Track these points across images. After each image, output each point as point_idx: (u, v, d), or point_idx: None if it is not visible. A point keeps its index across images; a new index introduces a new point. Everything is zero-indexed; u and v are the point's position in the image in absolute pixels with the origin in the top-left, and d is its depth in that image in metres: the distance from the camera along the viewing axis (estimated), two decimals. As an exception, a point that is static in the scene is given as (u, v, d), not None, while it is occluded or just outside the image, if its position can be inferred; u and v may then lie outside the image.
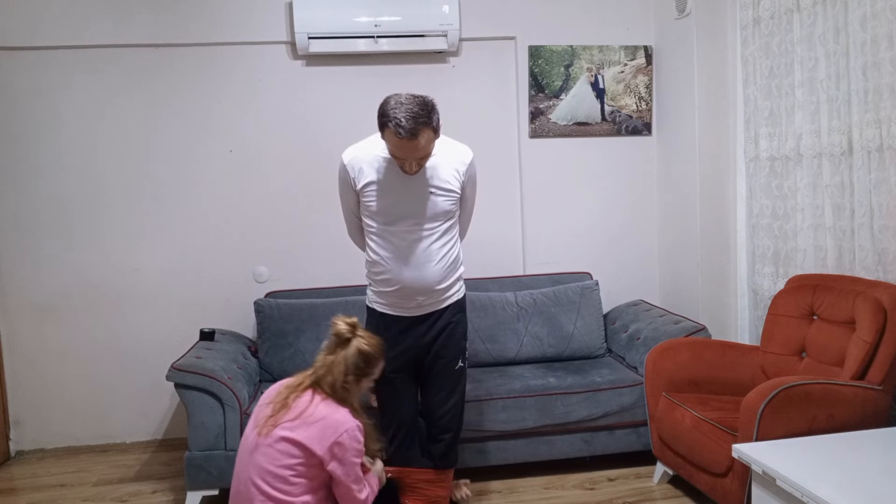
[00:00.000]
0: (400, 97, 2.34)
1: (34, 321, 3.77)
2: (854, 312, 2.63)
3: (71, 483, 3.40)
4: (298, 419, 2.17)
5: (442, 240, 2.58)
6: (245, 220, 3.86)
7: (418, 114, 2.29)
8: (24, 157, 3.71)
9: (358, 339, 2.29)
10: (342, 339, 2.29)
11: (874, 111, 2.70)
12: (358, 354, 2.27)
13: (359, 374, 2.28)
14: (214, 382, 2.98)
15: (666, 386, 3.00)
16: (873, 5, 2.66)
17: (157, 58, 3.74)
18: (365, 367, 2.30)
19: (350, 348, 2.27)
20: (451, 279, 2.64)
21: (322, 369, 2.27)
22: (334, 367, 2.25)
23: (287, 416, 2.18)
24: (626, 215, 4.14)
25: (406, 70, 3.88)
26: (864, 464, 2.06)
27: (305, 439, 2.14)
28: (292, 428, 2.16)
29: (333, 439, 2.15)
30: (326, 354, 2.30)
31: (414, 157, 2.39)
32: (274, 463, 2.14)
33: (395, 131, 2.30)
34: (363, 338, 2.31)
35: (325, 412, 2.18)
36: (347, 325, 2.30)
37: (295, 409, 2.19)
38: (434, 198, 2.53)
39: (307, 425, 2.16)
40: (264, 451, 2.16)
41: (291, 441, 2.14)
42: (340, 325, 2.30)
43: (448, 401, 2.69)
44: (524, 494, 3.11)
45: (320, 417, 2.17)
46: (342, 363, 2.25)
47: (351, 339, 2.29)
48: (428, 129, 2.33)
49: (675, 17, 3.80)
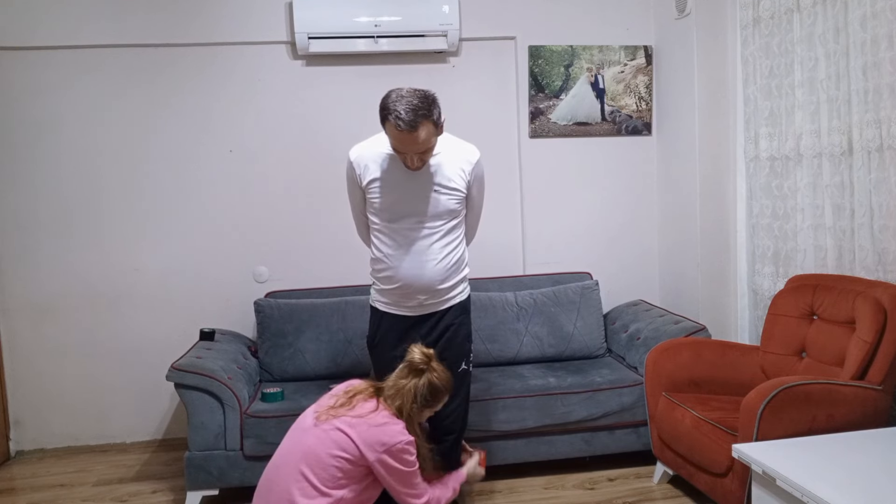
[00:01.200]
0: (401, 90, 2.35)
1: (34, 321, 3.77)
2: (854, 312, 2.63)
3: (71, 483, 3.40)
4: (359, 419, 2.24)
5: (445, 239, 2.58)
6: (245, 220, 3.86)
7: (418, 106, 2.30)
8: (24, 157, 3.71)
9: (431, 373, 2.36)
10: (416, 368, 2.36)
11: (874, 111, 2.70)
12: (429, 387, 2.35)
13: (424, 404, 2.36)
14: (214, 382, 2.98)
15: (666, 386, 3.00)
16: (873, 5, 2.66)
17: (157, 58, 3.74)
18: (431, 399, 2.38)
19: (422, 379, 2.35)
20: (454, 279, 2.63)
21: (391, 390, 2.34)
22: (405, 393, 2.32)
23: (350, 412, 2.25)
24: (626, 215, 4.14)
25: (406, 70, 3.88)
26: (864, 464, 2.05)
27: (358, 438, 2.20)
28: (352, 424, 2.22)
29: (386, 448, 2.21)
30: (399, 378, 2.36)
31: (414, 150, 2.40)
32: (323, 448, 2.19)
33: (395, 124, 2.31)
34: (436, 371, 2.38)
35: (385, 421, 2.25)
36: (423, 355, 2.37)
37: (358, 409, 2.26)
38: (438, 196, 2.53)
39: (365, 427, 2.22)
40: (318, 434, 2.22)
41: (347, 435, 2.20)
42: (417, 355, 2.37)
43: (451, 403, 2.68)
44: (524, 494, 3.11)
45: (379, 423, 2.24)
46: (412, 391, 2.33)
47: (425, 371, 2.36)
48: (428, 122, 2.34)
49: (675, 17, 3.80)
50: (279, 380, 3.49)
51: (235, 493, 3.07)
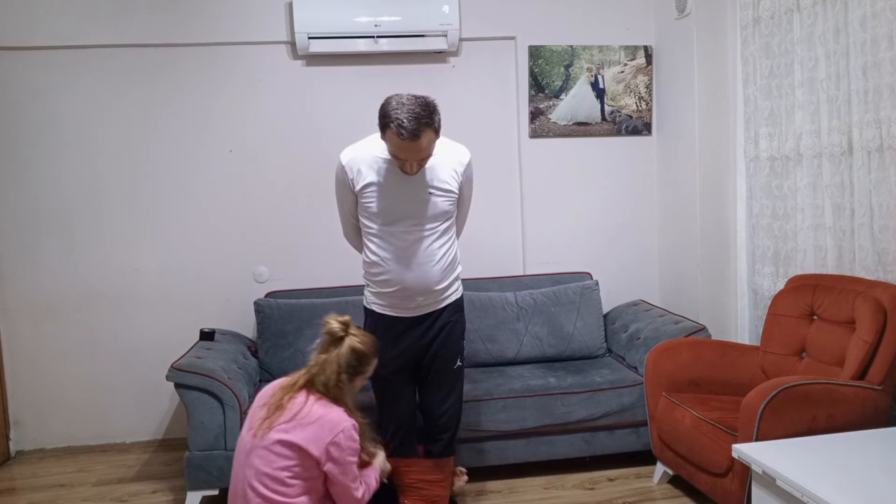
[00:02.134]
0: (401, 98, 2.34)
1: (34, 321, 3.77)
2: (854, 312, 2.63)
3: (71, 483, 3.40)
4: (293, 420, 2.16)
5: (441, 240, 2.59)
6: (245, 220, 3.86)
7: (420, 114, 2.29)
8: (23, 157, 3.71)
9: (351, 338, 2.29)
10: (335, 337, 2.29)
11: (874, 111, 2.70)
12: (351, 353, 2.27)
13: (352, 373, 2.28)
14: (214, 382, 2.98)
15: (666, 386, 3.00)
16: (873, 5, 2.66)
17: (157, 58, 3.75)
18: (358, 365, 2.29)
19: (343, 347, 2.27)
20: (449, 279, 2.65)
21: (315, 368, 2.27)
22: (327, 366, 2.25)
23: (282, 418, 2.17)
24: (626, 215, 4.14)
25: (406, 70, 3.88)
26: (864, 464, 2.06)
27: (301, 441, 2.13)
28: (287, 430, 2.15)
29: (329, 439, 2.14)
30: (319, 353, 2.29)
31: (415, 157, 2.39)
32: (270, 465, 2.14)
33: (397, 132, 2.30)
34: (356, 336, 2.31)
35: (321, 412, 2.18)
36: (340, 323, 2.30)
37: (290, 411, 2.18)
38: (433, 198, 2.54)
39: (303, 426, 2.15)
40: (260, 453, 2.16)
41: (287, 443, 2.14)
42: (333, 323, 2.30)
43: (447, 400, 2.70)
44: (524, 494, 3.11)
45: (316, 418, 2.16)
46: (335, 362, 2.25)
47: (344, 337, 2.29)
48: (430, 130, 2.33)
49: (675, 17, 3.80)
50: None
51: (235, 493, 3.07)
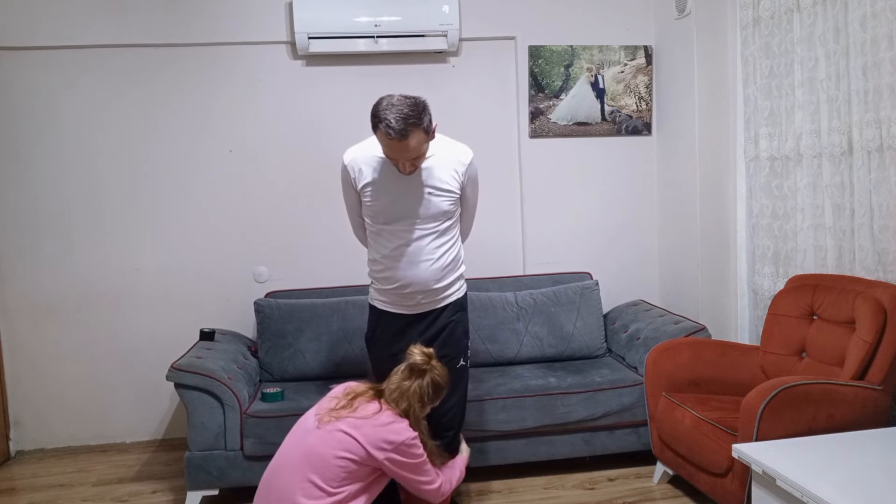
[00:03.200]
0: (392, 98, 2.36)
1: (34, 321, 3.77)
2: (854, 312, 2.63)
3: (71, 483, 3.40)
4: (363, 420, 2.24)
5: (441, 239, 2.59)
6: (245, 220, 3.86)
7: (408, 115, 2.31)
8: (24, 157, 3.71)
9: (433, 372, 2.39)
10: (418, 369, 2.37)
11: (874, 111, 2.70)
12: (431, 385, 2.38)
13: (425, 402, 2.39)
14: (214, 382, 2.98)
15: (666, 386, 3.00)
16: (873, 5, 2.66)
17: (156, 58, 3.75)
18: (434, 396, 2.41)
19: (426, 379, 2.37)
20: (450, 278, 2.65)
21: (394, 393, 2.35)
22: (410, 395, 2.35)
23: (352, 415, 2.26)
24: (626, 215, 4.14)
25: (406, 70, 3.88)
26: (864, 464, 2.06)
27: (364, 440, 2.20)
28: (356, 426, 2.22)
29: (394, 445, 2.22)
30: (402, 380, 2.37)
31: (405, 157, 2.41)
32: (328, 449, 2.19)
33: (385, 132, 2.33)
34: (437, 370, 2.40)
35: (390, 420, 2.27)
36: (424, 355, 2.39)
37: (361, 411, 2.27)
38: (432, 198, 2.54)
39: (372, 427, 2.23)
40: (321, 435, 2.22)
41: (352, 437, 2.20)
42: (417, 356, 2.38)
43: (449, 399, 2.69)
44: (524, 494, 3.11)
45: (384, 423, 2.25)
46: (417, 392, 2.35)
47: (426, 371, 2.38)
48: (418, 131, 2.35)
49: (675, 17, 3.80)
50: (279, 380, 3.49)
51: (235, 493, 3.07)
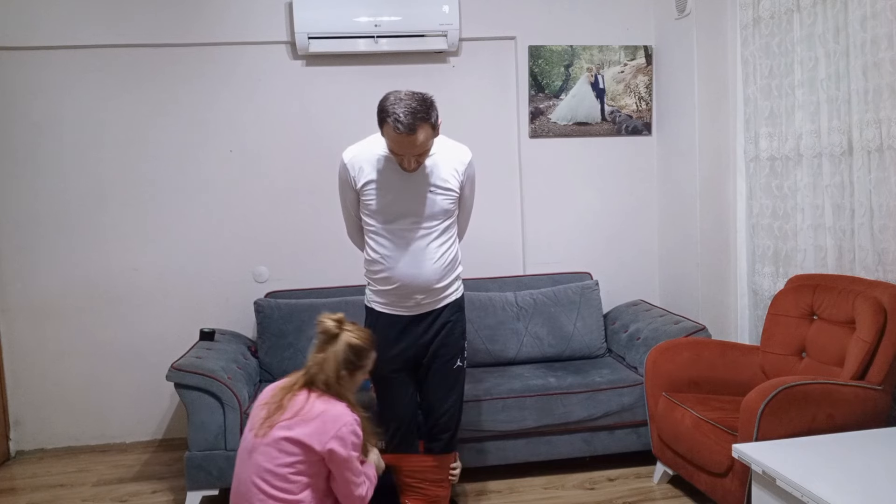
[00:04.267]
0: (399, 93, 2.37)
1: (34, 321, 3.77)
2: (854, 312, 2.63)
3: (71, 483, 3.40)
4: (295, 417, 2.17)
5: (441, 238, 2.59)
6: (245, 220, 3.86)
7: (417, 109, 2.31)
8: (23, 158, 3.71)
9: (346, 334, 2.29)
10: (330, 335, 2.29)
11: (874, 111, 2.70)
12: (348, 349, 2.28)
13: (351, 368, 2.29)
14: (214, 382, 2.98)
15: (666, 386, 3.00)
16: (873, 5, 2.66)
17: (157, 58, 3.74)
18: (357, 360, 2.30)
19: (339, 343, 2.27)
20: (449, 278, 2.65)
21: (314, 367, 2.27)
22: (326, 364, 2.25)
23: (283, 416, 2.18)
24: (625, 215, 4.14)
25: (406, 70, 3.88)
26: (864, 464, 2.06)
27: (304, 436, 2.14)
28: (290, 426, 2.16)
29: (332, 434, 2.15)
30: (316, 352, 2.30)
31: (412, 153, 2.41)
32: (273, 462, 2.15)
33: (393, 126, 2.32)
34: (351, 331, 2.31)
35: (323, 408, 2.19)
36: (334, 321, 2.31)
37: (291, 409, 2.20)
38: (433, 196, 2.55)
39: (305, 422, 2.16)
40: (263, 450, 2.17)
41: (290, 440, 2.15)
42: (327, 321, 2.30)
43: (447, 400, 2.70)
44: (524, 494, 3.11)
45: (318, 413, 2.18)
46: (333, 359, 2.26)
47: (339, 334, 2.29)
48: (426, 126, 2.35)
49: (675, 17, 3.80)
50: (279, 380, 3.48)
51: (235, 493, 3.07)
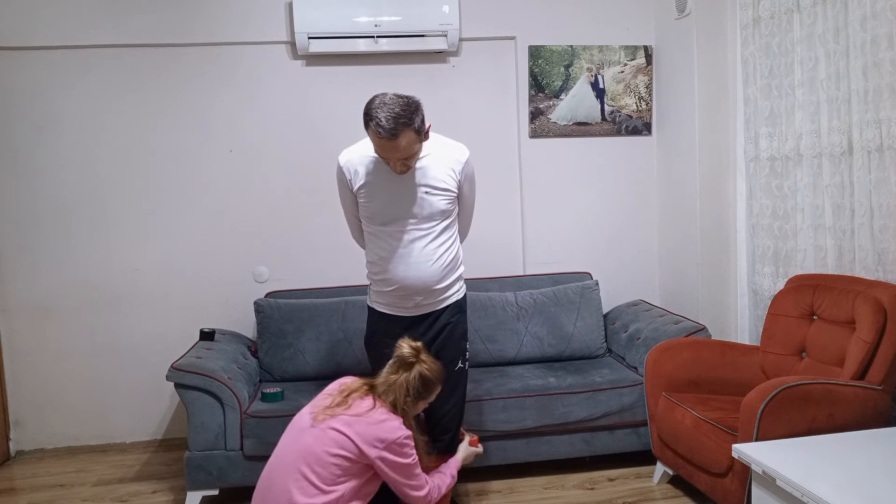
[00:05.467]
0: (385, 97, 2.36)
1: (34, 321, 3.77)
2: (854, 312, 2.63)
3: (71, 483, 3.40)
4: (358, 417, 2.23)
5: (439, 239, 2.58)
6: (245, 220, 3.86)
7: (399, 115, 2.31)
8: (24, 158, 3.71)
9: (421, 365, 2.35)
10: (406, 362, 2.35)
11: (874, 111, 2.70)
12: (419, 379, 2.34)
13: (417, 397, 2.36)
14: (214, 382, 2.98)
15: (666, 386, 3.00)
16: (873, 5, 2.66)
17: (157, 58, 3.74)
18: (424, 391, 2.37)
19: (413, 373, 2.34)
20: (449, 279, 2.64)
21: (384, 386, 2.33)
22: (397, 388, 2.32)
23: (346, 412, 2.24)
24: (626, 215, 4.14)
25: (406, 70, 3.88)
26: (864, 464, 2.06)
27: (357, 437, 2.19)
28: (350, 423, 2.21)
29: (387, 443, 2.21)
30: (390, 374, 2.35)
31: (396, 157, 2.41)
32: (322, 447, 2.18)
33: (375, 131, 2.33)
34: (426, 363, 2.37)
35: (383, 417, 2.25)
36: (412, 349, 2.36)
37: (355, 408, 2.25)
38: (429, 197, 2.54)
39: (366, 425, 2.22)
40: (316, 433, 2.21)
41: (346, 435, 2.19)
42: (406, 348, 2.36)
43: (448, 401, 2.69)
44: (524, 494, 3.11)
45: (378, 421, 2.23)
46: (404, 386, 2.32)
47: (415, 364, 2.35)
48: (408, 131, 2.34)
49: (675, 17, 3.80)
50: (279, 380, 3.49)
51: (235, 493, 3.07)
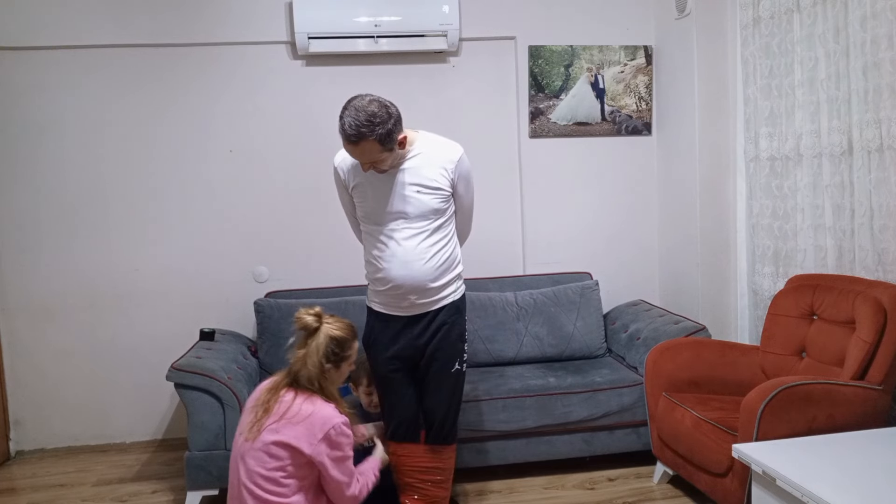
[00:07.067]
0: (363, 100, 2.37)
1: (34, 321, 3.77)
2: (854, 312, 2.63)
3: (71, 483, 3.40)
4: (282, 420, 2.16)
5: (432, 238, 2.58)
6: (245, 219, 3.86)
7: (363, 124, 2.33)
8: (24, 158, 3.71)
9: (325, 326, 2.27)
10: (310, 329, 2.27)
11: (874, 111, 2.70)
12: (330, 341, 2.26)
13: (335, 360, 2.27)
14: (214, 382, 2.98)
15: (666, 386, 3.00)
16: (873, 5, 2.66)
17: (157, 58, 3.74)
18: (340, 351, 2.28)
19: (320, 337, 2.25)
20: (445, 279, 2.62)
21: (297, 364, 2.25)
22: (308, 359, 2.23)
23: (270, 419, 2.17)
24: (626, 215, 4.14)
25: (406, 70, 3.88)
26: (864, 464, 2.06)
27: (292, 439, 2.13)
28: (277, 430, 2.15)
29: (320, 436, 2.14)
30: (297, 349, 2.27)
31: (359, 159, 2.45)
32: (263, 466, 2.14)
33: (339, 129, 2.37)
34: (331, 323, 2.29)
35: (310, 410, 2.17)
36: (312, 315, 2.28)
37: (277, 412, 2.18)
38: (420, 196, 2.54)
39: (292, 425, 2.15)
40: (253, 454, 2.16)
41: (278, 443, 2.14)
42: (305, 316, 2.28)
43: (444, 403, 2.68)
44: (524, 494, 3.11)
45: (306, 415, 2.16)
46: (315, 353, 2.23)
47: (319, 327, 2.27)
48: (369, 141, 2.36)
49: (675, 17, 3.80)
50: (279, 380, 3.49)
51: (235, 493, 3.07)
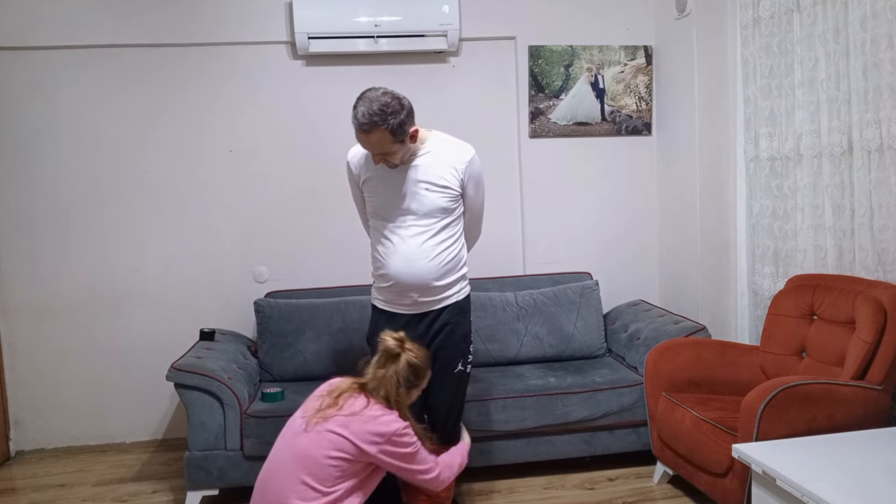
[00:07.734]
0: (376, 91, 2.41)
1: (34, 321, 3.77)
2: (854, 312, 2.64)
3: (71, 483, 3.40)
4: (351, 416, 2.22)
5: (439, 236, 2.58)
6: (245, 219, 3.86)
7: (375, 113, 2.36)
8: (23, 158, 3.71)
9: (407, 353, 2.35)
10: (391, 354, 2.34)
11: (874, 111, 2.70)
12: (408, 368, 2.34)
13: (408, 386, 2.35)
14: (214, 382, 2.98)
15: (666, 386, 3.00)
16: (873, 5, 2.66)
17: (157, 58, 3.74)
18: (415, 379, 2.36)
19: (400, 363, 2.33)
20: (449, 278, 2.63)
21: (374, 382, 2.32)
22: (387, 382, 2.31)
23: (339, 413, 2.23)
24: (626, 215, 4.14)
25: (406, 70, 3.88)
26: (864, 464, 2.06)
27: (355, 436, 2.18)
28: (346, 424, 2.20)
29: (385, 438, 2.20)
30: (377, 369, 2.35)
31: (371, 150, 2.47)
32: (319, 450, 2.17)
33: (352, 119, 2.40)
34: (412, 351, 2.37)
35: (378, 413, 2.25)
36: (395, 340, 2.36)
37: (348, 408, 2.24)
38: (429, 193, 2.55)
39: (361, 423, 2.20)
40: (311, 437, 2.20)
41: (343, 436, 2.18)
42: (389, 340, 2.36)
43: (446, 403, 2.68)
44: (524, 494, 3.11)
45: (373, 417, 2.23)
46: (394, 378, 2.31)
47: (400, 353, 2.34)
48: (381, 130, 2.38)
49: (675, 17, 3.80)
50: (279, 380, 3.49)
51: (235, 493, 3.07)
